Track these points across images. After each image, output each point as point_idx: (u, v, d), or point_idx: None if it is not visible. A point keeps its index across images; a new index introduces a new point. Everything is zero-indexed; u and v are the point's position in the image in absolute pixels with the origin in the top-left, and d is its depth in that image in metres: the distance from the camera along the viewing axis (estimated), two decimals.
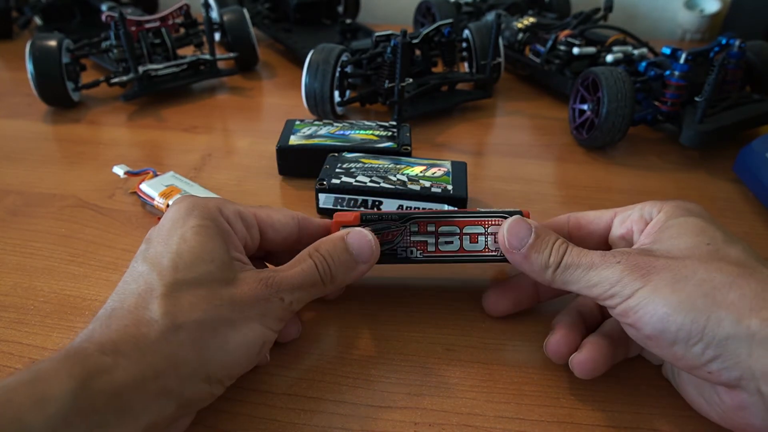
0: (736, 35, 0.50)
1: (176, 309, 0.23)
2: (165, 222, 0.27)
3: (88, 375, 0.20)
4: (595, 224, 0.30)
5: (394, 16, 0.92)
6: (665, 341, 0.23)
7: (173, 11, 0.60)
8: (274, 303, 0.26)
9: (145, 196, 0.41)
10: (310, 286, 0.27)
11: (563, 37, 0.60)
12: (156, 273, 0.24)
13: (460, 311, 0.33)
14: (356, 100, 0.56)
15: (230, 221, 0.27)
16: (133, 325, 0.22)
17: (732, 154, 0.47)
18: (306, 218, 0.31)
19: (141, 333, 0.22)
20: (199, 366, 0.23)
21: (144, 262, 0.25)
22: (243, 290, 0.25)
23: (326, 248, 0.28)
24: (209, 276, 0.24)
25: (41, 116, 0.56)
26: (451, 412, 0.27)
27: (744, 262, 0.24)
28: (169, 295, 0.23)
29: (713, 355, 0.22)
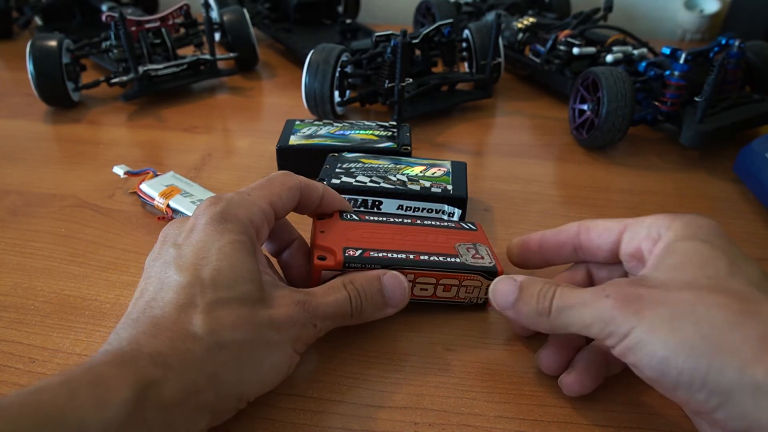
0: (736, 35, 0.50)
1: (219, 327, 0.23)
2: (197, 227, 0.26)
3: (143, 386, 0.20)
4: (605, 237, 0.29)
5: (394, 16, 0.92)
6: (667, 385, 0.22)
7: (173, 11, 0.60)
8: (308, 329, 0.26)
9: (145, 196, 0.41)
10: (340, 316, 0.27)
11: (563, 37, 0.60)
12: (197, 286, 0.23)
13: (460, 311, 0.33)
14: (356, 100, 0.56)
15: (259, 231, 0.27)
16: (179, 338, 0.22)
17: (732, 154, 0.47)
18: (309, 185, 0.30)
19: (187, 348, 0.22)
20: (236, 385, 0.23)
21: (179, 271, 0.24)
22: (280, 312, 0.25)
23: (361, 283, 0.28)
24: (249, 296, 0.24)
25: (41, 116, 0.56)
26: (451, 412, 0.27)
27: (748, 296, 0.22)
28: (211, 312, 0.23)
29: (718, 403, 0.21)
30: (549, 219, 0.42)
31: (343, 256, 0.29)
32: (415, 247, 0.31)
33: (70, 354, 0.29)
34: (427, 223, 0.34)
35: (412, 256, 0.30)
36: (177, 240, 0.26)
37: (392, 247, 0.31)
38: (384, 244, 0.31)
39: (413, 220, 0.34)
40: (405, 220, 0.34)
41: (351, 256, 0.29)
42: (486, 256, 0.32)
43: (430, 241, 0.32)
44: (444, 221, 0.34)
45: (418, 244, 0.31)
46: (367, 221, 0.33)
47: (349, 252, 0.29)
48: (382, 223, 0.33)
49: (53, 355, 0.29)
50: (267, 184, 0.29)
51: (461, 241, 0.32)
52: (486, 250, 0.32)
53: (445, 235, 0.33)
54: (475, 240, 0.33)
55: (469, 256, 0.31)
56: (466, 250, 0.32)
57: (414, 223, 0.33)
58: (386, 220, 0.33)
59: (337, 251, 0.29)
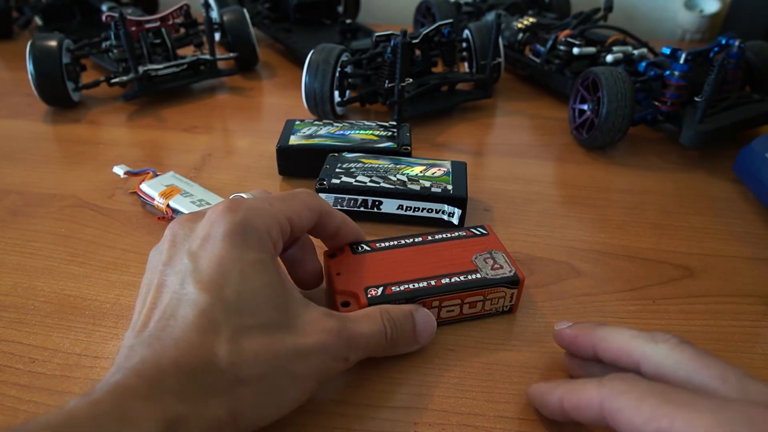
0: (736, 35, 0.50)
1: (241, 360, 0.22)
2: (214, 237, 0.24)
3: (171, 423, 0.19)
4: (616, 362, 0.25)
5: (394, 16, 0.92)
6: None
7: (173, 11, 0.60)
8: (339, 362, 0.25)
9: (145, 196, 0.41)
10: (374, 348, 0.26)
11: (563, 37, 0.60)
12: (219, 311, 0.22)
13: None
14: (356, 100, 0.56)
15: (275, 245, 0.26)
16: (201, 370, 0.21)
17: (732, 154, 0.47)
18: (329, 212, 0.30)
19: (208, 383, 0.21)
20: (255, 419, 0.22)
21: (198, 289, 0.23)
22: (309, 341, 0.24)
23: (397, 316, 0.27)
24: (273, 323, 0.23)
25: (41, 116, 0.56)
26: (451, 412, 0.27)
27: None
28: (234, 342, 0.22)
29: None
30: (549, 219, 0.42)
31: (367, 299, 0.29)
32: (434, 269, 0.30)
33: (70, 354, 0.29)
34: (439, 237, 0.33)
35: (434, 282, 0.30)
36: (191, 247, 0.24)
37: (412, 275, 0.30)
38: (403, 274, 0.30)
39: (424, 237, 0.33)
40: (416, 239, 0.33)
41: (374, 297, 0.29)
42: (504, 264, 0.31)
43: (447, 258, 0.31)
44: (454, 231, 0.34)
45: (436, 265, 0.31)
46: (380, 249, 0.32)
47: (371, 292, 0.29)
48: (394, 248, 0.32)
49: (53, 354, 0.29)
50: (289, 199, 0.28)
51: (477, 251, 0.32)
52: (503, 256, 0.32)
53: (459, 248, 0.32)
54: (489, 247, 0.32)
55: (489, 268, 0.31)
56: (484, 261, 0.31)
57: (426, 241, 0.33)
58: (398, 243, 0.32)
59: (359, 294, 0.29)
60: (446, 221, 0.39)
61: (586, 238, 0.40)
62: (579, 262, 0.37)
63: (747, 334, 0.32)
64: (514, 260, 0.32)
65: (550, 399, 0.25)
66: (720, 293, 0.35)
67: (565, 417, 0.24)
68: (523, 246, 0.39)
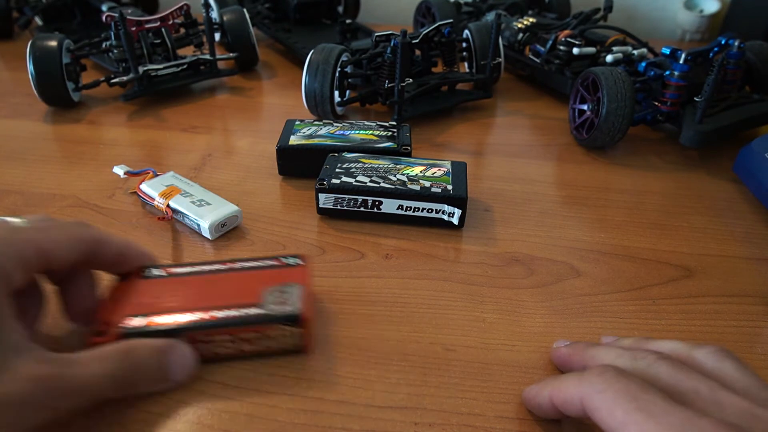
0: (735, 35, 0.50)
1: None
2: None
3: None
4: None
5: (394, 16, 0.92)
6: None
7: (173, 11, 0.60)
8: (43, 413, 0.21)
9: (145, 196, 0.41)
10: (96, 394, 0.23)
11: (563, 37, 0.60)
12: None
13: (460, 311, 0.33)
14: (356, 100, 0.56)
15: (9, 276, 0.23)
16: None
17: (732, 154, 0.47)
18: (103, 241, 0.27)
19: None
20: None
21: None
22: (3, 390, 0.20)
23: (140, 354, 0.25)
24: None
25: (41, 116, 0.56)
26: (451, 412, 0.27)
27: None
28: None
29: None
30: (549, 219, 0.42)
31: (121, 329, 0.26)
32: (215, 301, 0.28)
33: None
34: (242, 266, 0.30)
35: (206, 315, 0.27)
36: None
37: (187, 306, 0.28)
38: (178, 304, 0.28)
39: (226, 264, 0.30)
40: (218, 267, 0.30)
41: (130, 328, 0.26)
42: (293, 300, 0.28)
43: (236, 289, 0.29)
44: (267, 260, 0.31)
45: (219, 296, 0.28)
46: (174, 275, 0.30)
47: (129, 322, 0.27)
48: (189, 275, 0.30)
49: None
50: (50, 229, 0.25)
51: (273, 283, 0.29)
52: (298, 291, 0.29)
53: (256, 279, 0.29)
54: (290, 279, 0.29)
55: (273, 303, 0.28)
56: (273, 295, 0.28)
57: (226, 269, 0.30)
58: (194, 270, 0.30)
59: (116, 323, 0.27)
60: (446, 221, 0.39)
61: (586, 238, 0.40)
62: (579, 262, 0.37)
63: (747, 334, 0.32)
64: (313, 296, 0.29)
65: (542, 399, 0.25)
66: (720, 293, 0.35)
67: (559, 414, 0.25)
68: (523, 246, 0.39)
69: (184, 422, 0.26)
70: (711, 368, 0.24)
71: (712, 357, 0.25)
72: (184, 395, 0.27)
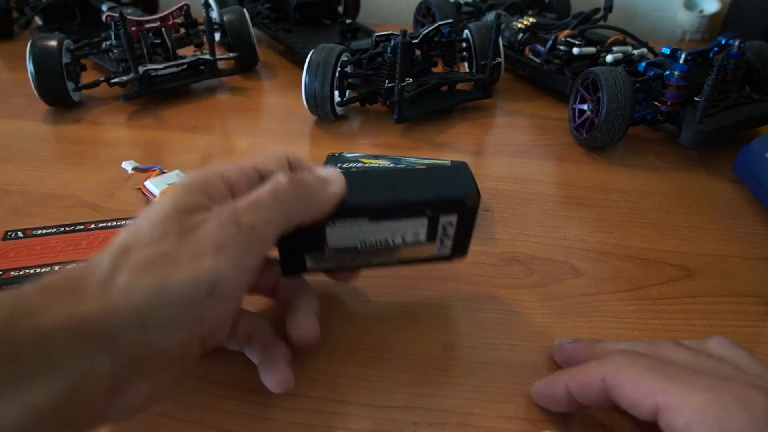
0: (735, 35, 0.50)
1: (122, 252, 0.21)
2: None
3: (16, 315, 0.18)
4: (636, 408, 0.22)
5: (394, 16, 0.92)
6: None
7: (173, 11, 0.60)
8: (229, 230, 0.22)
9: (148, 193, 0.41)
10: (275, 202, 0.24)
11: (563, 37, 0.60)
12: (125, 229, 0.23)
13: (460, 311, 0.33)
14: (356, 100, 0.56)
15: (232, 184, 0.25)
16: (81, 270, 0.21)
17: (732, 154, 0.47)
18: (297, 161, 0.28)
19: (82, 277, 0.20)
20: (130, 310, 0.20)
21: None
22: (195, 221, 0.22)
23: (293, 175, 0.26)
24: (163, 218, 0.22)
25: (41, 116, 0.56)
26: (451, 412, 0.27)
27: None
28: (122, 244, 0.22)
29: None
30: (549, 219, 0.42)
31: None
32: (70, 256, 0.31)
33: None
34: (101, 226, 0.34)
35: (58, 267, 0.30)
36: None
37: (43, 261, 0.30)
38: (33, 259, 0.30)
39: (86, 226, 0.34)
40: (77, 227, 0.34)
41: None
42: None
43: (89, 246, 0.32)
44: (122, 221, 0.34)
45: (74, 252, 0.31)
46: (34, 236, 0.33)
47: None
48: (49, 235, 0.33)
49: None
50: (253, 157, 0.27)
51: None
52: None
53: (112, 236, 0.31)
54: None
55: None
56: None
57: (86, 229, 0.34)
58: (55, 231, 0.33)
59: None
60: None
61: (586, 238, 0.40)
62: (579, 262, 0.37)
63: (747, 334, 0.32)
64: None
65: (556, 389, 0.25)
66: (720, 293, 0.35)
67: (572, 405, 0.25)
68: (523, 246, 0.39)
69: (184, 422, 0.26)
70: (726, 355, 0.24)
71: (725, 345, 0.25)
72: (184, 395, 0.27)
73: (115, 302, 0.20)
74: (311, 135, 0.54)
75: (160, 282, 0.20)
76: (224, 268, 0.22)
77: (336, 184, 0.26)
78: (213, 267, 0.21)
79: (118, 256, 0.21)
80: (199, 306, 0.21)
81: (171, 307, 0.21)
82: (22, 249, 0.32)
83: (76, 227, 0.34)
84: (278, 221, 0.24)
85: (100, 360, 0.19)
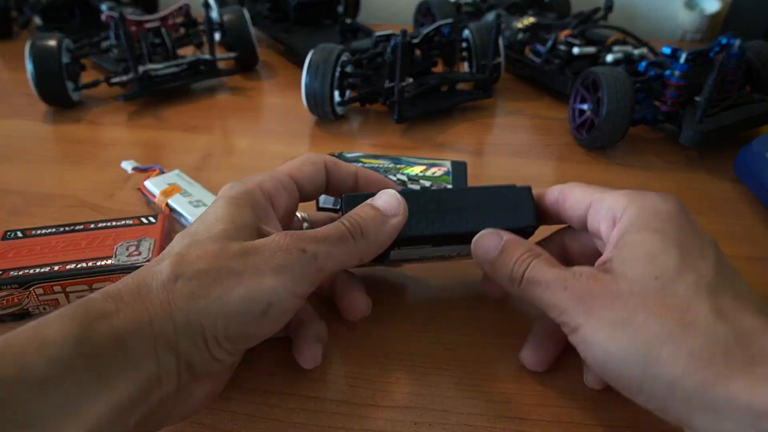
0: (736, 35, 0.50)
1: (182, 261, 0.22)
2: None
3: (91, 319, 0.20)
4: (575, 209, 0.28)
5: (394, 16, 0.92)
6: (613, 383, 0.23)
7: (173, 11, 0.60)
8: (294, 254, 0.23)
9: (148, 193, 0.41)
10: (337, 239, 0.25)
11: (563, 37, 0.60)
12: (180, 236, 0.24)
13: (460, 311, 0.33)
14: (356, 100, 0.56)
15: (271, 195, 0.27)
16: (141, 277, 0.22)
17: (732, 154, 0.47)
18: (335, 163, 0.30)
19: (145, 282, 0.22)
20: (193, 316, 0.21)
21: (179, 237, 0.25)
22: (259, 241, 0.24)
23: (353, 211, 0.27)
24: (224, 234, 0.24)
25: (41, 116, 0.56)
26: (451, 412, 0.27)
27: (689, 305, 0.21)
28: (182, 252, 0.23)
29: (657, 408, 0.22)
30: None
31: None
32: (69, 256, 0.31)
33: None
34: (101, 226, 0.34)
35: (57, 268, 0.30)
36: None
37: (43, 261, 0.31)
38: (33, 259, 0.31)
39: (86, 226, 0.34)
40: (77, 227, 0.34)
41: None
42: (145, 251, 0.32)
43: (89, 246, 0.32)
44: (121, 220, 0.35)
45: (73, 252, 0.31)
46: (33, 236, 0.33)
47: None
48: (48, 235, 0.33)
49: None
50: (290, 161, 0.29)
51: (126, 239, 0.33)
52: (150, 244, 0.32)
53: (111, 236, 0.33)
54: (145, 235, 0.33)
55: (124, 256, 0.31)
56: (125, 249, 0.32)
57: (86, 229, 0.34)
58: (55, 231, 0.34)
59: None
60: None
61: None
62: None
63: None
64: None
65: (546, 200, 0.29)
66: None
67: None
68: None
69: (184, 422, 0.26)
70: None
71: None
72: None
73: (178, 308, 0.21)
74: (311, 135, 0.54)
75: (220, 294, 0.22)
76: (280, 289, 0.23)
77: (396, 217, 0.27)
78: (271, 287, 0.23)
79: (177, 262, 0.22)
80: (253, 323, 0.23)
81: (228, 320, 0.22)
82: (21, 249, 0.32)
83: (76, 227, 0.34)
84: (340, 259, 0.25)
85: (167, 360, 0.21)
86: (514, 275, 0.25)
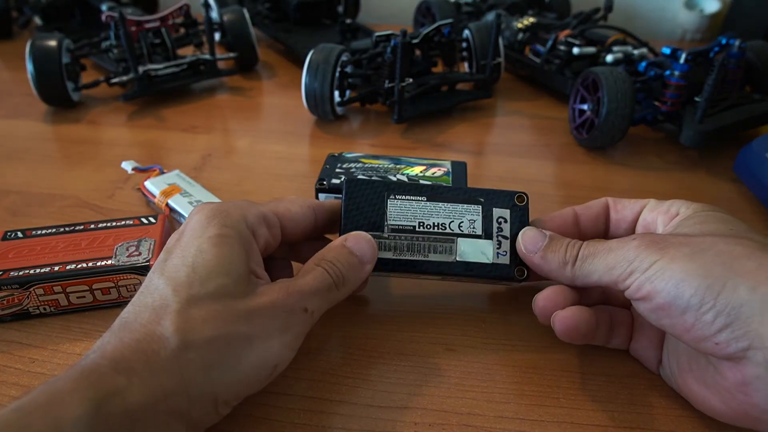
0: (736, 35, 0.50)
1: (188, 326, 0.22)
2: (186, 231, 0.26)
3: (103, 397, 0.19)
4: (629, 210, 0.31)
5: (394, 16, 0.92)
6: (676, 309, 0.23)
7: (173, 11, 0.60)
8: (298, 314, 0.25)
9: (148, 193, 0.41)
10: (326, 291, 0.26)
11: (563, 37, 0.60)
12: (171, 288, 0.23)
13: (460, 311, 0.33)
14: (356, 100, 0.56)
15: (254, 228, 0.27)
16: (145, 340, 0.22)
17: (732, 154, 0.47)
18: (319, 204, 0.31)
19: (152, 350, 0.21)
20: (208, 387, 0.22)
21: (161, 276, 0.24)
22: (262, 301, 0.24)
23: (331, 255, 0.27)
24: (224, 290, 0.23)
25: (41, 116, 0.56)
26: (451, 412, 0.27)
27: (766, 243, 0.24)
28: (182, 312, 0.22)
29: (724, 324, 0.22)
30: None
31: None
32: (70, 256, 0.31)
33: (70, 354, 0.29)
34: (101, 226, 0.34)
35: (57, 268, 0.30)
36: (169, 245, 0.26)
37: (43, 261, 0.31)
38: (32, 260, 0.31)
39: (86, 226, 0.34)
40: (77, 227, 0.34)
41: None
42: (145, 252, 0.32)
43: (89, 246, 0.32)
44: (121, 220, 0.35)
45: (74, 253, 0.32)
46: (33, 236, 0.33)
47: None
48: (48, 236, 0.33)
49: (53, 355, 0.29)
50: (280, 199, 0.30)
51: (126, 239, 0.33)
52: (150, 245, 0.32)
53: (111, 237, 0.33)
54: (145, 235, 0.33)
55: (124, 256, 0.31)
56: (125, 249, 0.32)
57: (86, 229, 0.34)
58: (55, 231, 0.34)
59: None
60: None
61: None
62: None
63: None
64: None
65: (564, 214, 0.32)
66: None
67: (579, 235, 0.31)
68: None
69: None
70: None
71: None
72: None
73: (192, 381, 0.22)
74: (311, 135, 0.54)
75: (233, 363, 0.23)
76: (285, 350, 0.25)
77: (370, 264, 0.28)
78: (279, 351, 0.24)
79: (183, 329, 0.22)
80: (261, 383, 0.25)
81: (239, 385, 0.23)
82: (21, 249, 0.32)
83: (76, 227, 0.34)
84: (326, 307, 0.27)
85: (178, 429, 0.22)
86: (568, 257, 0.27)
